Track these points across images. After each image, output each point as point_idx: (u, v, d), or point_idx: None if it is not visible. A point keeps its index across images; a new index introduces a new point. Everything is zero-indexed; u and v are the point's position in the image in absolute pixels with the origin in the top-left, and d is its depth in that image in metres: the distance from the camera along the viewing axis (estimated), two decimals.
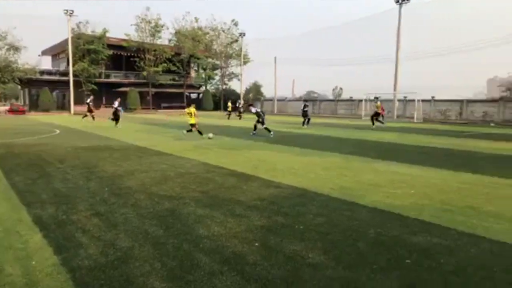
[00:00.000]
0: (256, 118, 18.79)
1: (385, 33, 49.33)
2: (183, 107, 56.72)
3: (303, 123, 25.39)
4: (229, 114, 37.29)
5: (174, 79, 58.30)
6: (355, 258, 4.14)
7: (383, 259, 4.13)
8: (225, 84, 63.88)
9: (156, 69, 53.37)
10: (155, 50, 53.30)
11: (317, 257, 4.16)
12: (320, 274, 3.75)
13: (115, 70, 56.50)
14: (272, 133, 17.86)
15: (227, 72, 63.39)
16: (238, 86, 61.87)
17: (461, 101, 39.30)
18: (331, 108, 51.03)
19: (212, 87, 65.33)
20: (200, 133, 17.41)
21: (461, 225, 5.26)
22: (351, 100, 49.68)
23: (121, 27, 63.18)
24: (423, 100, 38.64)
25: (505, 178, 8.68)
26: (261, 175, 8.62)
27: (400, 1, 39.51)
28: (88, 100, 32.39)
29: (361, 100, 43.71)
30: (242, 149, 13.56)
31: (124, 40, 52.77)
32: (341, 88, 77.30)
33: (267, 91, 64.42)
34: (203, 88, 63.97)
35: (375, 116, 26.12)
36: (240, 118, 35.47)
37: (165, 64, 53.81)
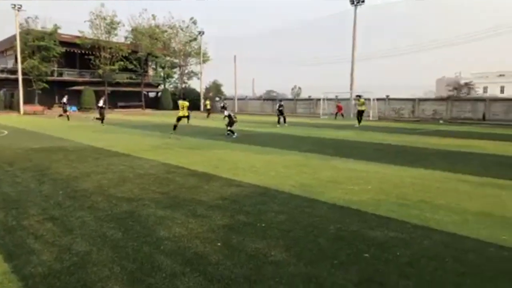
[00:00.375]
0: (227, 120, 18.70)
1: (344, 33, 50.54)
2: (141, 106, 55.75)
3: (278, 121, 25.76)
4: (208, 113, 37.13)
5: (131, 78, 56.76)
6: (316, 254, 4.22)
7: (343, 254, 4.24)
8: (184, 82, 63.01)
9: (112, 67, 51.66)
10: (111, 48, 51.57)
11: (279, 254, 4.20)
12: (282, 271, 3.79)
13: (68, 68, 54.16)
14: (235, 135, 17.80)
15: (186, 71, 62.58)
16: (198, 85, 61.26)
17: (413, 100, 41.05)
18: (290, 107, 51.61)
19: (171, 86, 64.24)
20: (174, 128, 17.85)
21: (415, 219, 5.50)
22: (309, 99, 50.54)
23: (75, 24, 60.63)
24: (378, 99, 40.00)
25: (453, 172, 9.18)
26: (223, 174, 8.59)
27: (355, 3, 40.70)
28: (64, 100, 31.60)
29: (319, 99, 44.59)
30: (203, 148, 13.45)
31: (78, 37, 50.68)
32: (300, 88, 78.58)
33: (228, 90, 64.32)
34: (161, 87, 62.77)
35: (360, 114, 27.25)
36: (207, 116, 35.19)
37: (122, 62, 52.18)
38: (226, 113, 19.46)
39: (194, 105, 57.60)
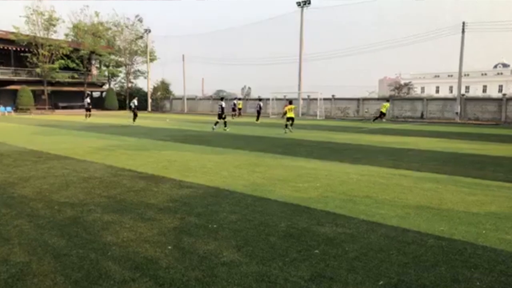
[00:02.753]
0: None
1: (292, 34, 51.57)
2: (83, 106, 53.20)
3: (257, 118, 29.38)
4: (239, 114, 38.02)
5: (73, 77, 53.93)
6: (268, 252, 4.26)
7: (294, 251, 4.31)
8: (130, 82, 61.05)
9: (52, 65, 48.82)
10: (50, 45, 48.67)
11: (231, 254, 4.19)
12: (234, 271, 3.78)
13: (2, 66, 50.52)
14: (215, 126, 19.66)
15: (133, 70, 60.67)
16: (145, 84, 59.59)
17: (357, 99, 42.72)
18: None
19: (117, 85, 61.99)
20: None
21: (362, 214, 5.72)
22: (259, 99, 50.98)
23: (10, 20, 56.64)
24: (324, 99, 41.21)
25: (396, 168, 9.67)
26: (173, 176, 8.43)
27: (301, 4, 41.59)
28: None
29: (268, 99, 45.11)
30: (151, 149, 13.12)
31: (13, 33, 47.40)
32: (249, 87, 78.91)
33: (176, 90, 63.16)
34: (106, 86, 60.40)
35: (380, 116, 31.38)
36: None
37: (63, 61, 49.45)
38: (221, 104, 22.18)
39: (141, 105, 56.15)
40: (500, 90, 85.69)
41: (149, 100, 57.02)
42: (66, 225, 5.15)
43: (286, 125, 20.71)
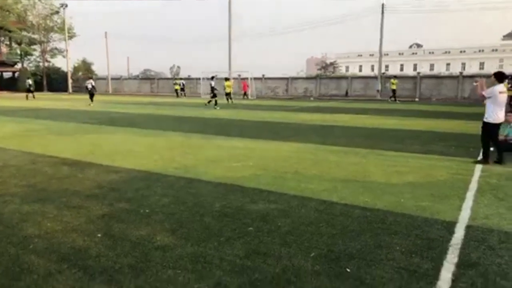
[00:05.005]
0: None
1: (222, 12, 50.75)
2: None
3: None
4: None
5: None
6: (203, 233, 4.25)
7: (229, 230, 4.35)
8: (47, 61, 56.31)
9: None
10: None
11: (165, 238, 4.12)
12: (169, 254, 3.73)
13: None
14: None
15: (49, 48, 55.94)
16: (64, 64, 55.34)
17: (287, 78, 43.65)
18: (170, 86, 50.37)
19: (31, 65, 56.84)
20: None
21: (293, 190, 5.92)
22: (189, 78, 49.94)
23: None
24: (255, 78, 41.52)
25: (323, 144, 10.10)
26: (99, 161, 8.01)
27: None
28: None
29: (199, 79, 44.36)
30: (74, 134, 12.32)
31: None
32: (178, 67, 76.84)
33: (100, 70, 59.60)
34: (19, 66, 55.18)
35: (393, 93, 30.97)
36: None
37: None
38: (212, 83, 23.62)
39: (60, 86, 52.29)
40: (415, 68, 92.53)
41: (70, 81, 53.17)
42: None
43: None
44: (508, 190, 5.91)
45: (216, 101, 23.72)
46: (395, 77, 33.46)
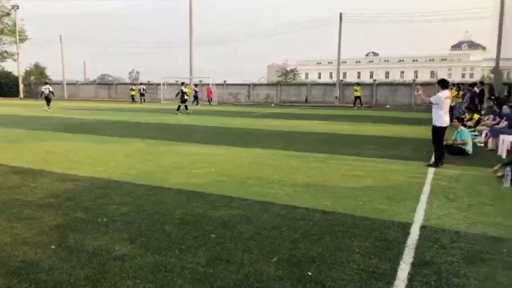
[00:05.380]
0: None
1: (183, 18, 50.30)
2: None
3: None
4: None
5: None
6: (163, 242, 4.16)
7: (191, 237, 4.29)
8: None
9: None
10: None
11: (124, 248, 3.99)
12: (128, 264, 3.61)
13: None
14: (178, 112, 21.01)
15: None
16: (15, 68, 52.56)
17: (248, 85, 43.81)
18: (129, 92, 49.20)
19: None
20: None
21: (255, 195, 5.93)
22: (149, 84, 48.99)
23: None
24: (217, 84, 41.38)
25: (284, 149, 10.22)
26: (53, 169, 7.66)
27: None
28: None
29: (159, 84, 43.63)
30: (26, 140, 11.73)
31: None
32: (138, 72, 75.25)
33: (54, 74, 57.10)
34: None
35: (355, 100, 31.25)
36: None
37: None
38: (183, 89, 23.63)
39: (11, 91, 49.73)
40: (371, 76, 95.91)
41: (21, 86, 50.60)
42: None
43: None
44: (458, 191, 6.23)
45: (186, 106, 24.36)
46: (357, 84, 34.13)
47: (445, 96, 8.14)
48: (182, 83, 26.30)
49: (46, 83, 30.14)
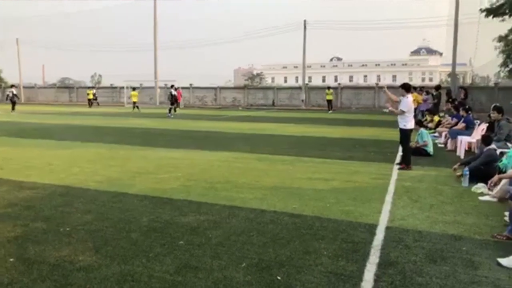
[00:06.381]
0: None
1: (147, 21, 49.46)
2: None
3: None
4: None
5: None
6: (130, 250, 4.04)
7: (158, 245, 4.19)
8: None
9: None
10: None
11: (88, 258, 3.85)
12: (93, 275, 3.49)
13: None
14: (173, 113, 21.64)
15: None
16: None
17: (215, 88, 43.60)
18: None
19: None
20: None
21: (223, 200, 5.89)
22: (112, 87, 47.77)
23: None
24: (183, 88, 40.91)
25: (252, 153, 10.24)
26: (10, 177, 7.30)
27: None
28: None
29: (122, 87, 42.65)
30: None
31: None
32: (100, 75, 73.28)
33: (10, 77, 54.54)
34: None
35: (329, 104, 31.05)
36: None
37: None
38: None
39: None
40: (336, 80, 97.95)
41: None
42: None
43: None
44: (420, 192, 6.45)
45: (175, 108, 25.27)
46: (329, 88, 34.08)
47: (411, 101, 8.51)
48: (172, 86, 27.07)
49: (12, 86, 29.01)
